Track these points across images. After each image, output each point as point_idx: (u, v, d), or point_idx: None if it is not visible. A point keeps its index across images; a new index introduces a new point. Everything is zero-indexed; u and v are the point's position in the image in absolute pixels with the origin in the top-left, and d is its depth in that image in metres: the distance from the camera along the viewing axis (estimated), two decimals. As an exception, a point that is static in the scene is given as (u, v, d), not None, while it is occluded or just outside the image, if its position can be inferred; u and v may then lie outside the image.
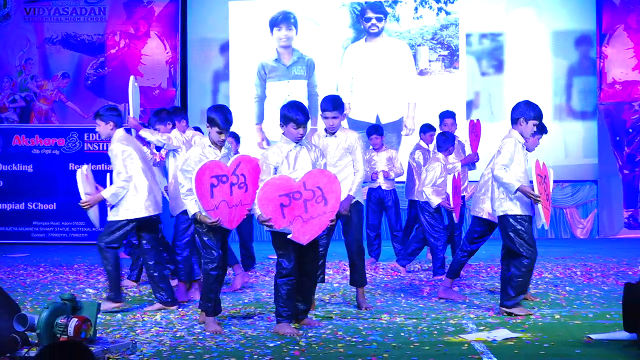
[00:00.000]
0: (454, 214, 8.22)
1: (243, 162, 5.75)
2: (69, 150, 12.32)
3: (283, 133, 5.71)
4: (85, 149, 12.30)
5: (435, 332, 5.56)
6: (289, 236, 5.48)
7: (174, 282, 7.06)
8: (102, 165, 12.26)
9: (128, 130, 7.04)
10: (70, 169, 12.24)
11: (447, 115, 9.27)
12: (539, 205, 5.98)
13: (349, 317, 6.18)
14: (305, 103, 12.07)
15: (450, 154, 8.29)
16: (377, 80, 12.94)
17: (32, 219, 12.21)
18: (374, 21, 12.94)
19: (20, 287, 7.98)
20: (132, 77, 7.56)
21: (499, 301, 6.21)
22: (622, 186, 12.58)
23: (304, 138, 5.71)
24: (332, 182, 5.65)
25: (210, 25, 13.14)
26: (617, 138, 12.55)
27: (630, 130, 12.56)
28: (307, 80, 13.08)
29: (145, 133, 6.98)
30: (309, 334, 5.53)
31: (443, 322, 5.90)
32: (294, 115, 5.59)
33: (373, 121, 12.75)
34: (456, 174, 8.07)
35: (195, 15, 13.11)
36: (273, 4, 13.17)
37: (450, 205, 7.95)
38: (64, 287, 7.88)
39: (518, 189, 5.88)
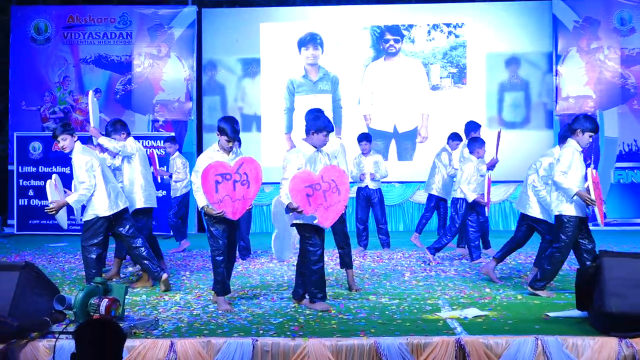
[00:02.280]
0: (486, 208, 8.28)
1: (245, 163, 5.76)
2: (101, 154, 12.28)
3: (305, 139, 5.76)
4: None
5: (415, 310, 5.57)
6: (315, 221, 5.59)
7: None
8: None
9: (84, 141, 6.96)
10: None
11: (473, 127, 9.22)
12: (595, 208, 5.99)
13: (340, 298, 6.18)
14: (331, 115, 12.30)
15: (481, 156, 8.22)
16: (395, 95, 12.84)
17: (70, 213, 12.10)
18: (391, 42, 12.87)
19: (59, 272, 7.99)
20: (90, 92, 7.63)
21: (528, 282, 6.30)
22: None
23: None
24: (342, 175, 5.83)
25: (224, 46, 13.11)
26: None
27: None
28: (332, 94, 12.96)
29: (103, 140, 6.97)
30: (307, 312, 5.53)
31: (422, 302, 5.90)
32: (329, 126, 5.72)
33: (391, 130, 12.81)
34: (489, 175, 8.08)
35: (207, 37, 13.09)
36: (301, 26, 13.07)
37: (484, 200, 7.99)
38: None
39: (576, 194, 5.81)
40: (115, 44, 13.00)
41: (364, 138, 9.56)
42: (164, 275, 6.51)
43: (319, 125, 5.70)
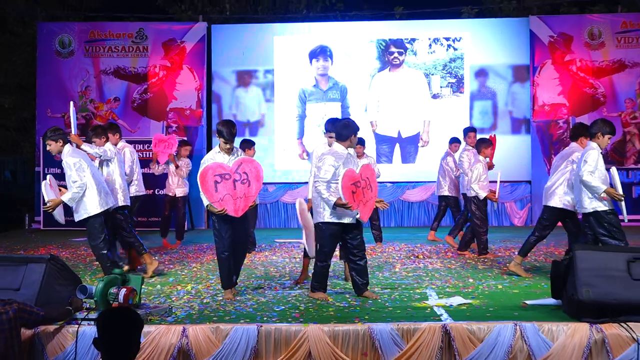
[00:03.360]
0: (495, 204, 8.50)
1: (244, 163, 5.68)
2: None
3: (339, 142, 5.64)
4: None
5: (405, 299, 5.57)
6: (357, 216, 5.57)
7: None
8: (145, 169, 12.26)
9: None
10: (120, 172, 12.25)
11: (470, 130, 9.36)
12: (622, 203, 5.90)
13: (337, 288, 6.18)
14: None
15: (487, 155, 8.28)
16: (399, 103, 12.81)
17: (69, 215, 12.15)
18: (396, 55, 12.84)
19: (82, 264, 7.99)
20: (71, 103, 7.49)
21: None
22: (549, 185, 12.59)
23: None
24: (374, 173, 5.89)
25: (230, 58, 13.12)
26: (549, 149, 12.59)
27: (556, 142, 12.61)
28: (340, 102, 12.91)
29: (85, 147, 6.83)
30: (306, 301, 5.53)
31: (411, 292, 5.90)
32: (358, 131, 5.69)
33: (395, 135, 12.79)
34: (499, 174, 8.19)
35: (217, 50, 13.10)
36: (312, 39, 13.06)
37: (495, 197, 8.05)
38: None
39: (604, 191, 5.78)
40: (133, 57, 12.99)
41: (359, 142, 9.53)
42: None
43: (357, 129, 5.67)
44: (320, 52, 12.96)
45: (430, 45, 12.86)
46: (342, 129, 5.65)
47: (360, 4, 14.59)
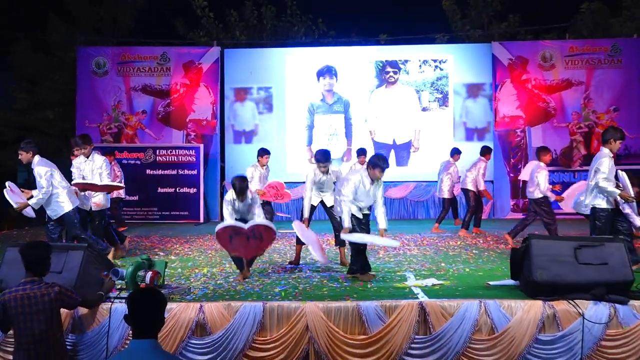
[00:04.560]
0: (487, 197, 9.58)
1: (257, 226, 5.44)
2: (146, 160, 12.27)
3: (366, 169, 5.59)
4: (157, 160, 12.26)
5: (387, 280, 5.57)
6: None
7: None
8: (168, 170, 12.27)
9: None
10: (147, 173, 12.22)
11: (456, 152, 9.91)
12: (634, 204, 5.83)
13: (331, 270, 6.18)
14: (343, 131, 12.76)
15: (489, 159, 9.64)
16: (393, 114, 12.81)
17: (123, 205, 12.15)
18: (391, 74, 12.83)
19: (114, 251, 7.95)
20: (6, 184, 6.58)
21: None
22: (509, 184, 12.61)
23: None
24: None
25: (242, 75, 13.10)
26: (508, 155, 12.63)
27: (514, 147, 12.63)
28: (344, 114, 12.90)
29: (32, 200, 6.29)
30: (304, 282, 5.52)
31: (392, 274, 5.90)
32: (383, 165, 5.51)
33: (391, 143, 12.80)
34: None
35: (230, 69, 13.08)
36: (319, 59, 13.05)
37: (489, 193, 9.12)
38: (143, 251, 7.83)
39: (619, 194, 5.72)
40: (158, 76, 12.96)
41: (361, 153, 9.59)
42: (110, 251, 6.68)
43: (378, 164, 5.50)
44: (327, 71, 12.96)
45: (420, 65, 12.88)
46: (370, 159, 5.66)
47: (349, 32, 14.60)
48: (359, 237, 5.47)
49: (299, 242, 6.51)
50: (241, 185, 5.71)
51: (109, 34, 14.34)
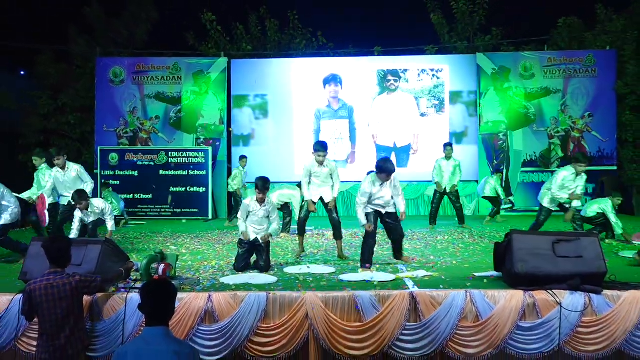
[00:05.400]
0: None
1: None
2: (159, 162, 12.25)
3: (378, 175, 5.74)
4: (170, 162, 12.24)
5: (381, 272, 5.55)
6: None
7: None
8: (180, 171, 12.26)
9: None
10: (160, 173, 12.20)
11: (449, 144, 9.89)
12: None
13: (329, 263, 6.17)
14: (347, 135, 12.72)
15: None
16: (394, 119, 12.78)
17: (137, 203, 12.13)
18: (392, 82, 12.81)
19: (130, 245, 7.94)
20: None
21: None
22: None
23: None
24: None
25: (248, 84, 13.08)
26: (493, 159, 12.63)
27: (497, 150, 12.62)
28: (348, 119, 12.86)
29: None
30: (305, 274, 5.51)
31: (386, 266, 5.91)
32: (389, 169, 5.66)
33: (392, 145, 12.79)
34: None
35: (236, 79, 13.06)
36: (325, 67, 13.04)
37: None
38: (156, 245, 7.83)
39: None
40: (170, 84, 12.94)
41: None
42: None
43: (386, 169, 5.68)
44: (332, 79, 12.95)
45: (419, 74, 12.86)
46: (380, 166, 5.78)
47: (346, 44, 14.59)
48: (356, 276, 5.35)
49: (300, 233, 6.63)
50: (265, 183, 5.70)
51: (125, 46, 14.32)
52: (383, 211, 5.90)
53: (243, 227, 5.79)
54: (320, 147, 6.33)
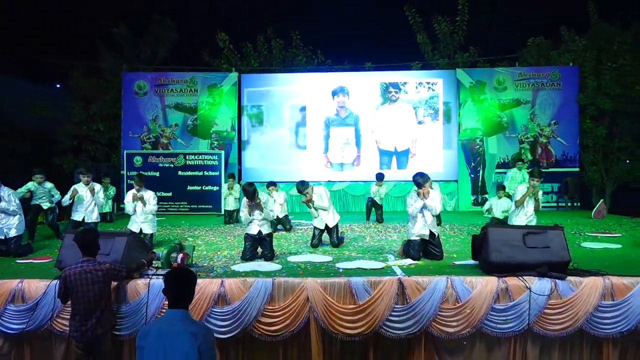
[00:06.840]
0: None
1: None
2: (178, 164, 12.23)
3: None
4: (187, 164, 12.22)
5: (372, 260, 5.55)
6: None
7: None
8: (196, 172, 12.23)
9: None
10: (178, 174, 12.17)
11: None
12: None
13: (327, 253, 6.15)
14: (354, 141, 12.70)
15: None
16: (395, 127, 12.75)
17: (158, 200, 11.98)
18: (393, 93, 12.77)
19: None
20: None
21: None
22: (470, 183, 12.61)
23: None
24: None
25: (255, 96, 13.06)
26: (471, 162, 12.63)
27: (474, 154, 12.62)
28: (354, 126, 12.83)
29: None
30: (305, 263, 5.49)
31: (376, 255, 5.88)
32: (419, 183, 5.62)
33: (393, 150, 12.73)
34: None
35: (243, 91, 13.04)
36: (334, 80, 13.00)
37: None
38: (175, 237, 7.80)
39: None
40: (187, 96, 12.92)
41: (379, 178, 9.60)
42: None
43: (416, 181, 5.66)
44: (340, 91, 12.91)
45: (416, 87, 12.83)
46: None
47: (342, 61, 14.61)
48: (350, 264, 5.29)
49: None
50: (251, 189, 5.62)
51: (148, 62, 14.32)
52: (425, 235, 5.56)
53: (246, 219, 5.76)
54: (300, 186, 6.51)
